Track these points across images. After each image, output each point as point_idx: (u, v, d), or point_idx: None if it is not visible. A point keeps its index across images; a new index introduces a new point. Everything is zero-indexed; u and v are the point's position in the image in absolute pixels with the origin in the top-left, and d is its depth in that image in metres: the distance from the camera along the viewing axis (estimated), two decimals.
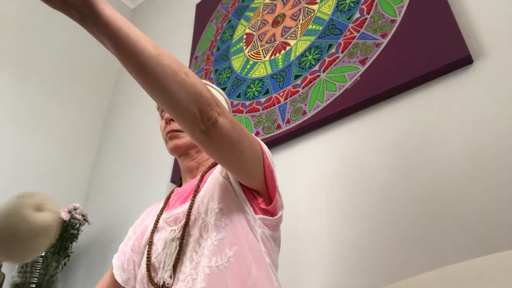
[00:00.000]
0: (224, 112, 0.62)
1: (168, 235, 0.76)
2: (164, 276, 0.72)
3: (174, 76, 0.56)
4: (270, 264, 0.71)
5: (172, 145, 0.86)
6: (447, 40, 0.98)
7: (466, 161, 0.87)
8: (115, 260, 0.87)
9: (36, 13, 2.02)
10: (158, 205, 0.91)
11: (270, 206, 0.74)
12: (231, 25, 1.70)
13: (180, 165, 0.92)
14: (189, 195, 0.80)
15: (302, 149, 1.19)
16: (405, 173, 0.95)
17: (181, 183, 0.93)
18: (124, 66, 0.57)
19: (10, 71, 1.84)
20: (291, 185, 1.15)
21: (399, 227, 0.90)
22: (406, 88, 1.03)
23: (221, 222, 0.69)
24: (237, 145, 0.64)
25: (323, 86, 1.19)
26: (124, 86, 2.21)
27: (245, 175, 0.71)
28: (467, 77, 0.95)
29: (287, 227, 0.86)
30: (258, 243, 0.71)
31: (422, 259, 0.84)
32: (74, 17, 0.54)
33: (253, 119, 1.34)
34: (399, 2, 1.13)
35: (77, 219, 1.56)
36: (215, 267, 0.66)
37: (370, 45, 1.14)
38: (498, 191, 0.81)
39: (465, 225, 0.82)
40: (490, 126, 0.87)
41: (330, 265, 0.97)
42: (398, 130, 1.01)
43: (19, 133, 1.78)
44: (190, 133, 0.62)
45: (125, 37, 0.54)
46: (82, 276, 1.67)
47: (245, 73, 1.48)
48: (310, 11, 1.39)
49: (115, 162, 1.92)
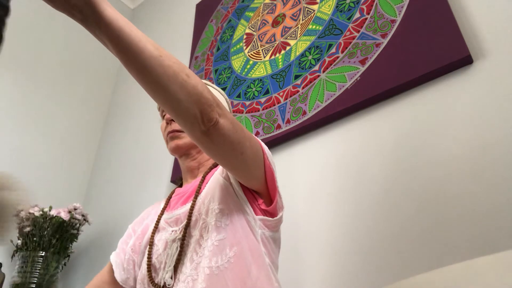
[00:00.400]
0: (224, 113, 0.62)
1: (169, 236, 0.76)
2: (165, 276, 0.72)
3: (175, 77, 0.56)
4: (270, 264, 0.71)
5: (173, 145, 0.86)
6: (447, 40, 0.98)
7: (466, 161, 0.87)
8: (114, 258, 0.87)
9: (36, 13, 2.02)
10: (158, 205, 0.91)
11: (271, 207, 0.74)
12: (231, 25, 1.70)
13: (180, 165, 0.92)
14: (190, 196, 0.80)
15: (302, 149, 1.19)
16: (405, 173, 0.95)
17: (181, 183, 0.93)
18: (125, 66, 0.57)
19: (10, 71, 1.84)
20: (291, 185, 1.15)
21: (398, 227, 0.90)
22: (406, 88, 1.03)
23: (221, 222, 0.69)
24: (237, 146, 0.64)
25: (323, 86, 1.19)
26: (124, 86, 2.21)
27: (246, 175, 0.71)
28: (467, 77, 0.95)
29: (286, 227, 0.86)
30: (258, 243, 0.71)
31: (422, 259, 0.84)
32: (76, 17, 0.54)
33: (253, 119, 1.34)
34: (399, 2, 1.13)
35: (77, 219, 1.56)
36: (215, 268, 0.66)
37: (370, 45, 1.14)
38: (498, 191, 0.81)
39: (465, 225, 0.82)
40: (490, 126, 0.87)
41: (330, 265, 0.97)
42: (398, 130, 1.01)
43: (19, 133, 1.78)
44: (190, 134, 0.62)
45: (127, 37, 0.54)
46: (82, 276, 1.67)
47: (245, 73, 1.48)
48: (310, 11, 1.39)
49: (115, 162, 1.92)
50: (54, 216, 1.50)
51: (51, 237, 1.49)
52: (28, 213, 1.48)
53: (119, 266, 0.85)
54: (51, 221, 1.49)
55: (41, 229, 1.48)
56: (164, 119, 0.89)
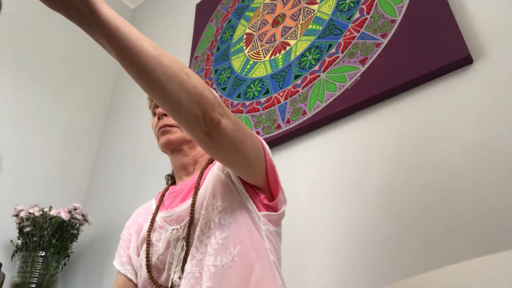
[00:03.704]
0: (226, 112, 0.61)
1: (170, 235, 0.75)
2: (173, 277, 0.70)
3: (175, 76, 0.55)
4: (274, 261, 0.71)
5: (164, 140, 0.83)
6: (447, 40, 0.98)
7: (466, 161, 0.87)
8: (129, 268, 0.82)
9: (36, 13, 2.02)
10: (149, 205, 0.89)
11: (273, 202, 0.74)
12: (231, 25, 1.70)
13: (172, 163, 0.89)
14: (188, 193, 0.79)
15: (302, 149, 1.19)
16: (405, 173, 0.95)
17: (174, 181, 0.91)
18: (124, 67, 0.56)
19: (10, 71, 1.84)
20: (291, 185, 1.14)
21: (398, 227, 0.90)
22: (406, 88, 1.03)
23: (225, 220, 0.69)
24: (239, 145, 0.64)
25: (323, 86, 1.19)
26: (124, 86, 2.21)
27: (248, 172, 0.71)
28: (467, 77, 0.95)
29: (286, 227, 0.86)
30: (263, 240, 0.71)
31: (422, 259, 0.84)
32: (73, 17, 0.53)
33: (253, 119, 1.34)
34: (399, 2, 1.13)
35: (77, 219, 1.56)
36: (220, 266, 0.65)
37: (370, 45, 1.14)
38: (498, 191, 0.81)
39: (466, 225, 0.82)
40: (490, 126, 0.87)
41: (331, 265, 0.97)
42: (398, 130, 1.01)
43: (19, 133, 1.78)
44: (192, 135, 0.61)
45: (124, 37, 0.53)
46: (82, 276, 1.67)
47: (245, 73, 1.48)
48: (310, 11, 1.39)
49: (115, 162, 1.92)
50: (54, 216, 1.50)
51: (51, 237, 1.49)
52: (28, 213, 1.48)
53: (134, 274, 0.82)
54: (51, 221, 1.49)
55: (41, 229, 1.48)
56: (156, 114, 0.86)
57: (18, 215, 1.49)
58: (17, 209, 1.50)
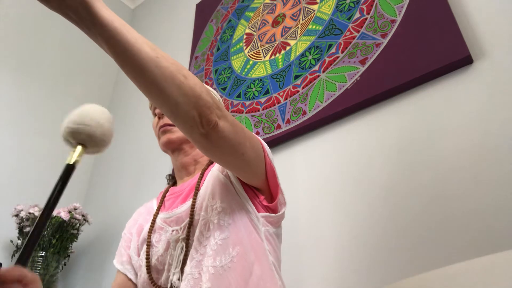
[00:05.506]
0: (224, 114, 0.61)
1: (170, 236, 0.75)
2: (172, 279, 0.70)
3: (172, 78, 0.55)
4: (274, 262, 0.71)
5: (165, 139, 0.83)
6: (447, 40, 0.98)
7: (466, 161, 0.87)
8: (129, 267, 0.82)
9: (36, 13, 2.02)
10: (150, 205, 0.89)
11: (273, 204, 0.73)
12: (231, 25, 1.70)
13: (173, 162, 0.88)
14: (188, 194, 0.79)
15: (302, 149, 1.19)
16: (405, 173, 0.95)
17: (174, 182, 0.91)
18: (122, 68, 0.56)
19: (10, 71, 1.84)
20: (291, 185, 1.14)
21: (398, 227, 0.90)
22: (406, 88, 1.03)
23: (224, 221, 0.69)
24: (238, 148, 0.63)
25: (323, 86, 1.19)
26: (124, 86, 2.21)
27: (247, 174, 0.71)
28: (467, 77, 0.95)
29: (287, 227, 0.86)
30: (262, 241, 0.71)
31: (422, 259, 0.84)
32: (71, 18, 0.53)
33: (253, 119, 1.34)
34: (399, 2, 1.13)
35: (77, 219, 1.56)
36: (219, 267, 0.65)
37: (370, 45, 1.14)
38: (498, 190, 0.81)
39: (466, 225, 0.82)
40: (490, 125, 0.87)
41: (331, 265, 0.97)
42: (398, 130, 1.01)
43: (19, 133, 1.78)
44: (190, 136, 0.61)
45: (123, 38, 0.53)
46: (82, 276, 1.67)
47: (245, 73, 1.48)
48: (310, 11, 1.39)
49: (115, 162, 1.92)
50: (54, 216, 1.50)
51: (51, 237, 1.49)
52: (28, 213, 1.48)
53: (134, 274, 0.82)
54: (51, 221, 1.49)
55: None
56: (156, 113, 0.86)
57: (18, 215, 1.49)
58: (17, 209, 1.50)
